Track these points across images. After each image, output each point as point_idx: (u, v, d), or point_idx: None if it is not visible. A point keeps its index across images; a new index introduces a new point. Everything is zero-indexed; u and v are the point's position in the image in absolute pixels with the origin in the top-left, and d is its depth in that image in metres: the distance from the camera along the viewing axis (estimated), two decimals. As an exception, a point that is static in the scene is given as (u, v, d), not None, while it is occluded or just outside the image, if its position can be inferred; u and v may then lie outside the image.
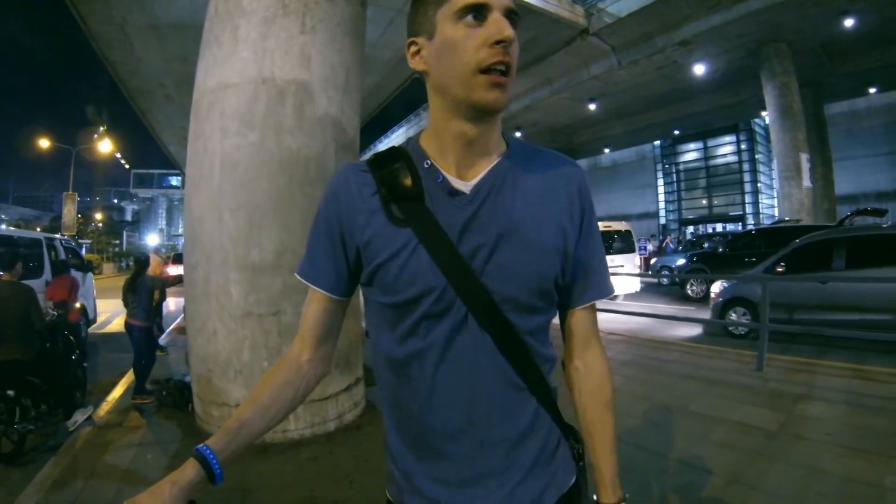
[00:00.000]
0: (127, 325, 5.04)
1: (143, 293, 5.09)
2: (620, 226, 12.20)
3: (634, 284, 11.42)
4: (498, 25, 0.72)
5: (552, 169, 0.85)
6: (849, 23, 14.82)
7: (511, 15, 0.75)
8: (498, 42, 0.72)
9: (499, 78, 0.73)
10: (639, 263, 13.48)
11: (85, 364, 4.97)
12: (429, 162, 0.82)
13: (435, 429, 0.80)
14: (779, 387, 4.49)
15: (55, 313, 5.03)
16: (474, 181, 0.80)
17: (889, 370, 4.74)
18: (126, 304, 5.10)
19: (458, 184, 0.80)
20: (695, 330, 7.77)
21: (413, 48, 0.81)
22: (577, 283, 0.87)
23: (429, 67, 0.79)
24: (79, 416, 4.16)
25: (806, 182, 16.02)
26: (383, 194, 0.80)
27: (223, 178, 3.59)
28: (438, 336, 0.78)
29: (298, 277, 0.89)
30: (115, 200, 66.23)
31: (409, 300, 0.77)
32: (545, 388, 0.84)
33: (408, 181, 0.80)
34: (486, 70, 0.73)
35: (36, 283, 6.15)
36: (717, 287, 7.57)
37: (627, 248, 11.92)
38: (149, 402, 4.58)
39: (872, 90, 23.68)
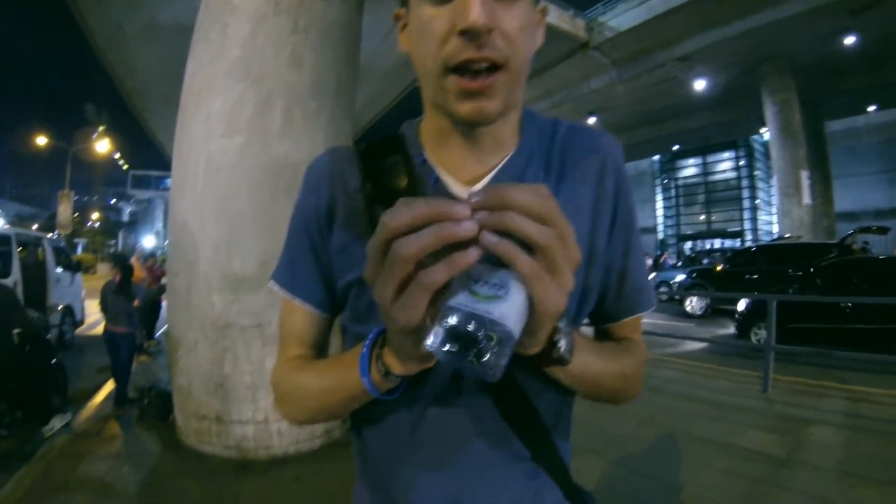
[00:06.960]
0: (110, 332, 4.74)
1: (124, 299, 4.79)
2: None
3: None
4: (462, 5, 0.50)
5: (577, 153, 0.66)
6: (849, 41, 14.92)
7: None
8: (463, 32, 0.50)
9: (471, 83, 0.53)
10: None
11: (65, 368, 4.77)
12: (423, 157, 0.64)
13: (409, 500, 0.62)
14: (785, 410, 4.33)
15: (36, 315, 4.85)
16: (478, 186, 0.61)
17: (891, 392, 4.61)
18: (105, 311, 4.77)
19: (456, 188, 0.62)
20: (694, 346, 7.59)
21: (400, 22, 0.62)
22: (613, 293, 0.68)
23: (411, 49, 0.60)
24: (56, 423, 3.99)
25: (806, 199, 15.98)
26: (368, 193, 0.61)
27: (207, 182, 3.45)
28: (421, 390, 0.60)
29: (275, 288, 0.70)
30: (113, 201, 65.91)
31: None
32: (552, 453, 0.65)
33: (401, 180, 0.61)
34: (456, 69, 0.53)
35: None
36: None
37: None
38: (127, 413, 4.38)
39: (871, 108, 23.78)
